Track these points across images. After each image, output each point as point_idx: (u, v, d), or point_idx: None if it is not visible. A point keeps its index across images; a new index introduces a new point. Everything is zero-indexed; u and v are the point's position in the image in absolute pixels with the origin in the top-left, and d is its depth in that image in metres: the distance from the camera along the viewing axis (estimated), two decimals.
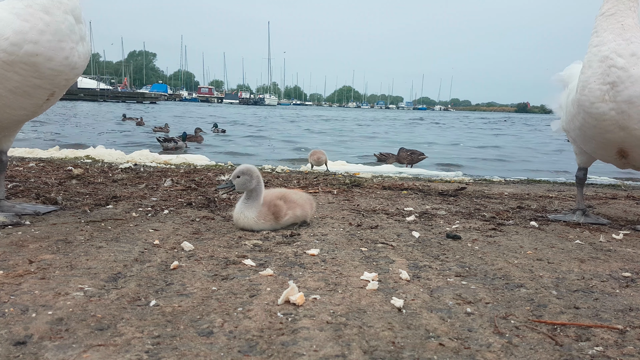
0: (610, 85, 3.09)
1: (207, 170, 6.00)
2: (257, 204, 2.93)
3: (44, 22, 2.59)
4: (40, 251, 2.33)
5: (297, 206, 3.05)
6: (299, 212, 3.06)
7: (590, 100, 3.20)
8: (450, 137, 24.53)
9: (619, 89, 3.06)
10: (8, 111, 2.78)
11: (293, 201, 3.05)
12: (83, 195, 3.80)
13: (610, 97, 3.10)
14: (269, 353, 1.43)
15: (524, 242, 2.93)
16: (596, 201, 4.80)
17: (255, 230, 2.92)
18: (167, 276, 2.06)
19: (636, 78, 3.02)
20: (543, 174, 9.83)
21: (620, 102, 3.07)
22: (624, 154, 3.36)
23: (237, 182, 2.92)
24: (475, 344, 1.54)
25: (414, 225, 3.27)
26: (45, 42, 2.60)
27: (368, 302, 1.85)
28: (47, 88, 2.77)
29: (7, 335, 1.46)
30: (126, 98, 74.42)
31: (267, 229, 2.95)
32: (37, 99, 2.80)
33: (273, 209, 2.96)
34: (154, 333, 1.52)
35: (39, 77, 2.67)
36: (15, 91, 2.67)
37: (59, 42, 2.66)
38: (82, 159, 7.37)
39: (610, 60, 3.09)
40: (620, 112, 3.09)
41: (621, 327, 1.69)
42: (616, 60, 3.07)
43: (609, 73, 3.08)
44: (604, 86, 3.11)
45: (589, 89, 3.19)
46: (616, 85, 3.07)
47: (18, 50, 2.55)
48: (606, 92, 3.11)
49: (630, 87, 3.03)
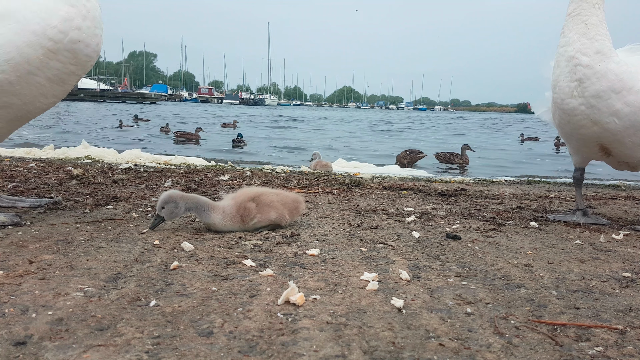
0: (577, 82, 3.22)
1: (207, 171, 6.00)
2: (222, 205, 2.83)
3: (86, 8, 2.63)
4: (40, 251, 2.33)
5: (271, 210, 2.88)
6: (273, 216, 2.89)
7: (561, 97, 3.35)
8: (409, 141, 23.79)
9: (586, 85, 3.19)
10: (42, 100, 2.77)
11: (267, 204, 2.87)
12: (83, 196, 3.80)
13: (578, 92, 3.23)
14: (269, 353, 1.43)
15: (524, 242, 2.93)
16: (596, 201, 4.80)
17: (223, 231, 2.84)
18: (167, 276, 2.06)
19: (602, 74, 3.14)
20: None
21: (589, 97, 3.19)
22: (606, 151, 3.45)
23: (165, 213, 2.76)
24: (475, 344, 1.53)
25: (414, 226, 3.27)
26: (86, 29, 2.63)
27: (368, 302, 1.85)
28: (79, 74, 2.80)
29: (7, 336, 1.46)
30: (126, 98, 74.47)
31: (236, 230, 2.85)
32: (69, 86, 2.84)
33: (242, 211, 2.82)
34: (154, 333, 1.52)
35: (76, 64, 2.69)
36: (53, 79, 2.68)
37: (95, 28, 2.71)
38: (82, 159, 7.37)
39: (575, 59, 3.22)
40: (589, 106, 3.22)
41: (621, 328, 1.69)
42: (581, 59, 3.20)
43: (576, 71, 3.22)
44: (572, 83, 3.25)
45: (559, 86, 3.35)
46: (583, 81, 3.20)
47: (64, 38, 2.55)
48: (574, 88, 3.25)
49: (596, 83, 3.16)
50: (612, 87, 3.12)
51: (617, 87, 3.11)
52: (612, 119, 3.17)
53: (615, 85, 3.12)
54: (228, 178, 5.17)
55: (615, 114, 3.15)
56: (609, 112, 3.16)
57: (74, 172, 5.02)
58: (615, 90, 3.12)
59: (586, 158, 3.71)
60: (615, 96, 3.12)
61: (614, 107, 3.14)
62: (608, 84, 3.12)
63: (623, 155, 3.40)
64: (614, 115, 3.16)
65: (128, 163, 6.66)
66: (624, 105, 3.12)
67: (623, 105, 3.13)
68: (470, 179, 6.97)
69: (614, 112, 3.15)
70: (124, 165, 6.08)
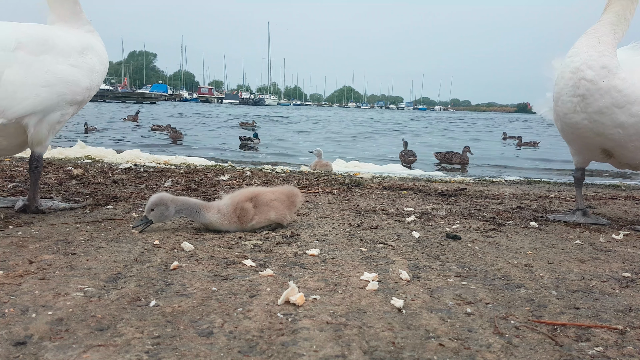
0: (580, 97, 3.18)
1: (207, 171, 6.00)
2: (216, 204, 2.82)
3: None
4: (40, 251, 2.33)
5: (270, 210, 2.87)
6: (272, 216, 2.88)
7: (563, 112, 3.33)
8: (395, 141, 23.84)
9: (589, 102, 3.16)
10: None
11: (266, 204, 2.86)
12: (83, 196, 3.80)
13: (581, 108, 3.20)
14: (269, 353, 1.43)
15: (524, 242, 2.93)
16: (596, 201, 4.80)
17: (221, 230, 2.83)
18: (167, 276, 2.06)
19: (605, 91, 3.10)
20: None
21: (592, 112, 3.17)
22: (608, 154, 3.44)
23: (154, 215, 2.73)
24: (475, 344, 1.53)
25: (414, 226, 3.27)
26: None
27: (368, 302, 1.85)
28: None
29: (7, 336, 1.46)
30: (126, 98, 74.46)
31: (233, 230, 2.85)
32: None
33: (239, 212, 2.81)
34: (154, 333, 1.52)
35: None
36: None
37: None
38: (82, 159, 7.37)
39: (580, 72, 3.18)
40: (592, 121, 3.20)
41: (621, 328, 1.69)
42: (586, 73, 3.15)
43: (579, 86, 3.17)
44: (574, 98, 3.22)
45: (561, 100, 3.32)
46: (586, 97, 3.16)
47: None
48: (577, 104, 3.21)
49: (599, 100, 3.12)
50: (615, 104, 3.10)
51: (621, 103, 3.09)
52: (617, 130, 3.16)
53: (618, 101, 3.09)
54: (228, 178, 5.17)
55: (619, 125, 3.14)
56: (613, 125, 3.15)
57: (74, 172, 5.02)
58: (618, 105, 3.09)
59: (587, 159, 3.71)
60: (619, 111, 3.10)
61: (619, 120, 3.12)
62: (611, 101, 3.10)
63: (625, 157, 3.39)
64: (619, 127, 3.14)
65: (128, 163, 6.66)
66: (628, 117, 3.11)
67: (628, 117, 3.11)
68: (470, 179, 6.97)
69: (619, 125, 3.14)
70: (124, 165, 6.08)
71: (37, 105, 2.91)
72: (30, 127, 2.96)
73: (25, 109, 2.87)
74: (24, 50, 2.88)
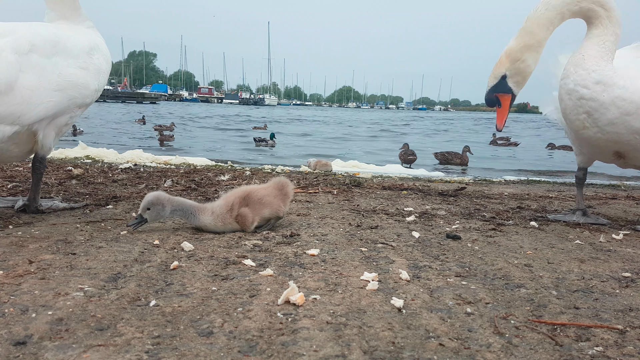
0: (586, 114, 3.18)
1: (207, 171, 6.00)
2: (210, 206, 2.81)
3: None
4: (40, 251, 2.33)
5: (264, 207, 2.87)
6: (266, 213, 2.90)
7: (574, 129, 3.32)
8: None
9: (596, 117, 3.14)
10: None
11: (258, 201, 2.86)
12: (83, 196, 3.80)
13: (590, 123, 3.19)
14: (269, 353, 1.43)
15: (523, 242, 2.93)
16: (596, 201, 4.80)
17: (217, 232, 2.82)
18: (167, 276, 2.06)
19: (609, 103, 3.08)
20: None
21: (602, 126, 3.15)
22: (621, 155, 3.42)
23: (149, 215, 2.71)
24: (475, 344, 1.53)
25: (414, 226, 3.27)
26: None
27: (368, 302, 1.85)
28: None
29: (7, 335, 1.46)
30: (126, 98, 74.48)
31: (229, 231, 2.84)
32: None
33: (238, 218, 2.80)
34: (154, 333, 1.52)
35: None
36: None
37: None
38: (82, 159, 7.37)
39: (576, 92, 3.18)
40: (606, 133, 3.18)
41: (621, 327, 1.69)
42: (582, 92, 3.15)
43: (581, 104, 3.17)
44: (580, 116, 3.21)
45: (569, 119, 3.32)
46: (591, 114, 3.15)
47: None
48: (584, 120, 3.20)
49: (606, 113, 3.10)
50: (624, 112, 3.06)
51: (630, 110, 3.05)
52: (634, 136, 3.11)
53: (627, 109, 3.05)
54: (228, 178, 5.17)
55: (636, 132, 3.09)
56: (629, 132, 3.10)
57: (74, 172, 5.02)
58: (628, 113, 3.05)
59: (592, 160, 3.69)
60: (630, 118, 3.06)
61: (634, 127, 3.08)
62: (619, 111, 3.06)
63: (637, 159, 3.38)
64: (635, 133, 3.09)
65: (128, 163, 6.66)
66: None
67: None
68: (470, 179, 6.98)
69: (635, 131, 3.09)
70: (124, 165, 6.08)
71: (49, 110, 2.87)
72: (39, 131, 2.93)
73: (39, 114, 2.82)
74: (37, 52, 2.83)
